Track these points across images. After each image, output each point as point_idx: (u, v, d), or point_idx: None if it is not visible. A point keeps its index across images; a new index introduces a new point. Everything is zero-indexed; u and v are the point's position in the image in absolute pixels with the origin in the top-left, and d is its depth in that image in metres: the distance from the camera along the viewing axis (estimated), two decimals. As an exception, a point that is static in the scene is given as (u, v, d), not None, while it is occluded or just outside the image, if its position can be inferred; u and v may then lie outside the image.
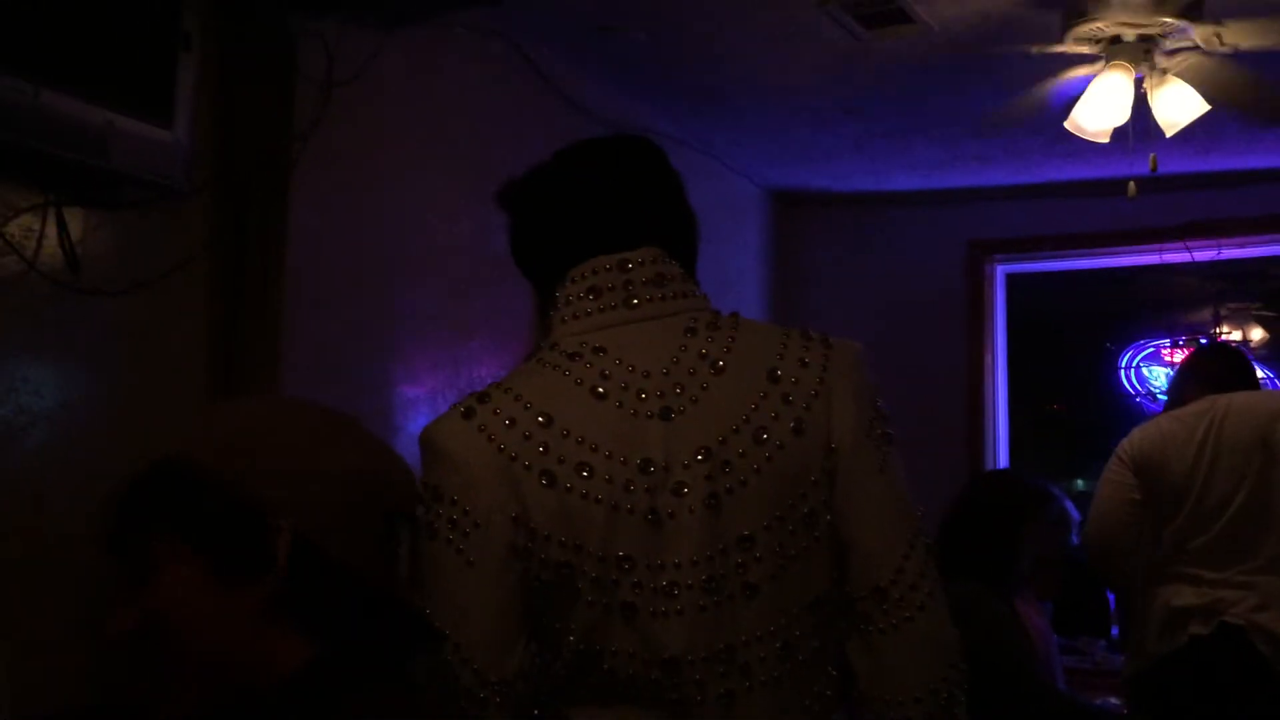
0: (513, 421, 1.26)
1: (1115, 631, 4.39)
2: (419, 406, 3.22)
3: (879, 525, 1.28)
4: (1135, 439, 3.00)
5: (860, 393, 1.31)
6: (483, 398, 1.30)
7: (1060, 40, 3.33)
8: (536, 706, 1.27)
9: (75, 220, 2.37)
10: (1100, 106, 3.24)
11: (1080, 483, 5.87)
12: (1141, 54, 3.21)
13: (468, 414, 1.28)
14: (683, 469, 1.24)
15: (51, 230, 2.34)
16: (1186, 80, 3.25)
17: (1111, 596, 4.36)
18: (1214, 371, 3.04)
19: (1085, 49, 3.34)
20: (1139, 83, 3.27)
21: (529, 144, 3.74)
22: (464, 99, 3.43)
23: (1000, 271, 5.47)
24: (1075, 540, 3.51)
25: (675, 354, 1.30)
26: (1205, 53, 3.27)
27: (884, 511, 1.29)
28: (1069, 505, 3.97)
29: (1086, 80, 3.37)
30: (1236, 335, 5.48)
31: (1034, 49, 3.41)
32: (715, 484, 1.25)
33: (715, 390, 1.27)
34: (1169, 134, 3.28)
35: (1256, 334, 5.50)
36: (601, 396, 1.27)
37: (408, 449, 3.14)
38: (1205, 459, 2.84)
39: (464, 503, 1.23)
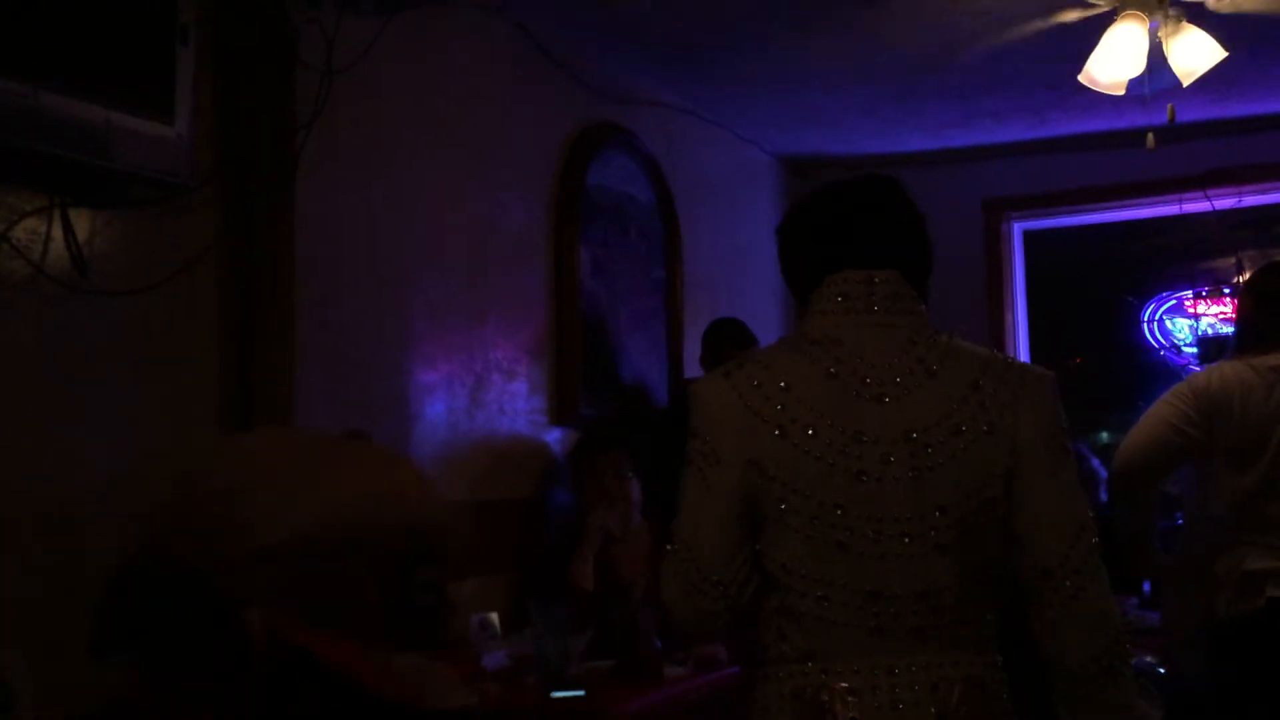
0: (759, 385, 1.60)
1: (1147, 588, 4.34)
2: (436, 393, 3.20)
3: (1049, 518, 1.59)
4: (1210, 378, 2.77)
5: (1044, 411, 1.62)
6: (740, 364, 1.65)
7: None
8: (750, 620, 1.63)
9: (81, 222, 2.35)
10: (1114, 58, 3.17)
11: (1105, 435, 5.82)
12: (1155, 2, 3.14)
13: (726, 375, 1.64)
14: (890, 444, 1.57)
15: (58, 233, 2.32)
16: (1202, 27, 3.18)
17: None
18: None
19: (1098, -1, 3.28)
20: (1153, 31, 3.20)
21: (537, 121, 3.73)
22: (468, 79, 3.40)
23: (1017, 229, 5.40)
24: (1104, 497, 3.46)
25: (898, 354, 1.62)
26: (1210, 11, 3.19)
27: (1054, 508, 1.60)
28: (1095, 463, 3.93)
29: (1100, 31, 3.31)
30: (1260, 283, 5.39)
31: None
32: (917, 460, 1.57)
33: (925, 389, 1.60)
34: (1186, 83, 3.21)
35: (1281, 281, 5.41)
36: (832, 376, 1.60)
37: (427, 434, 3.15)
38: None
39: (713, 442, 1.59)
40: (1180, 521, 3.11)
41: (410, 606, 0.78)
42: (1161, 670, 3.15)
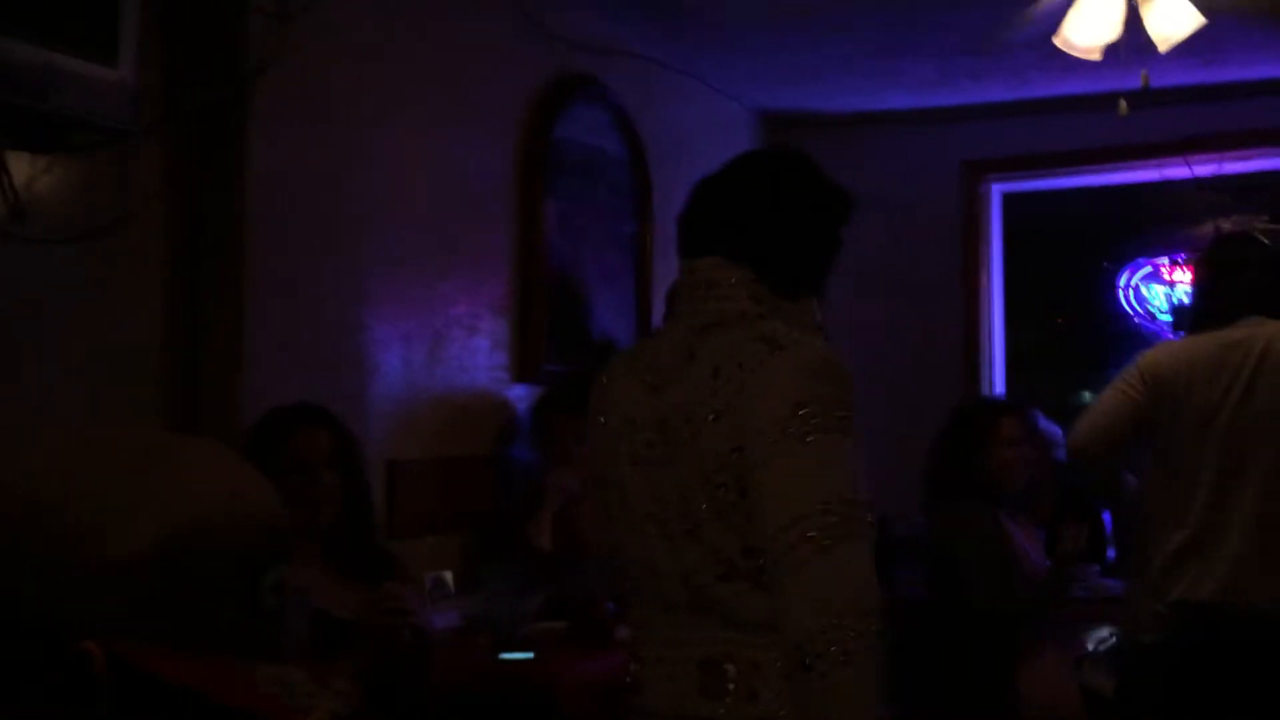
0: (601, 382, 1.74)
1: (1111, 555, 4.34)
2: (393, 347, 3.14)
3: (782, 495, 1.53)
4: (1157, 355, 2.77)
5: (783, 392, 1.56)
6: (606, 364, 1.78)
7: (1052, -50, 3.19)
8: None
9: (19, 166, 2.28)
10: (1091, 21, 3.11)
11: (1086, 395, 5.81)
12: (1133, -36, 3.07)
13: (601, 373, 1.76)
14: (651, 430, 1.64)
15: (-6, 178, 2.25)
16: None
17: (1108, 518, 4.31)
18: (1261, 285, 2.69)
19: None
20: (1132, -6, 3.13)
21: (504, 70, 3.65)
22: (433, 25, 3.31)
23: (996, 191, 5.34)
24: (1061, 457, 3.49)
25: (675, 343, 1.66)
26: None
27: (789, 486, 1.53)
28: (1045, 423, 3.95)
29: (1078, -8, 3.23)
30: (1238, 251, 5.34)
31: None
32: (667, 448, 1.61)
33: (682, 376, 1.63)
34: (1163, 49, 3.15)
35: (1258, 249, 5.35)
36: (631, 371, 1.70)
37: (383, 391, 3.09)
38: (1234, 397, 2.60)
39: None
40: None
41: (259, 610, 0.72)
42: (1115, 640, 3.16)
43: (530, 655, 2.62)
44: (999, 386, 5.35)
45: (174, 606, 0.70)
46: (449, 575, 3.02)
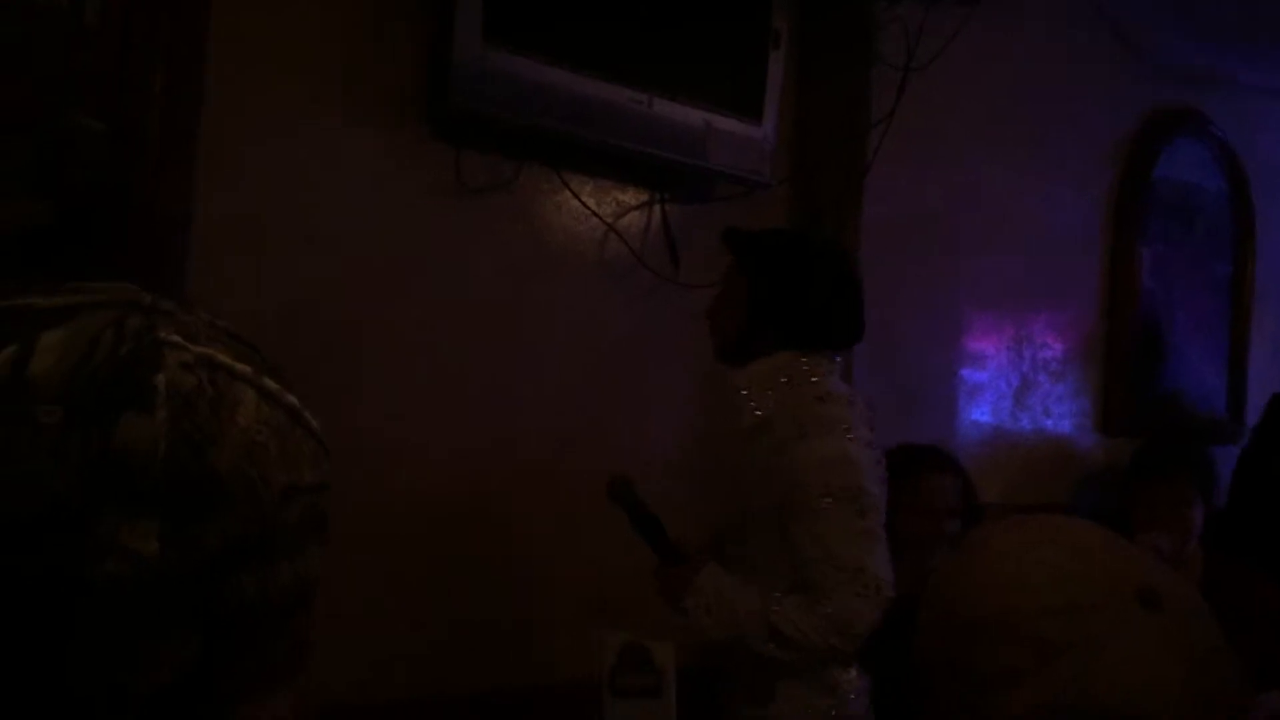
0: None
1: None
2: (982, 389, 3.13)
3: None
4: None
5: None
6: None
7: None
8: None
9: (673, 216, 2.52)
10: None
11: None
12: None
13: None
14: None
15: (655, 225, 2.51)
16: None
17: None
18: None
19: None
20: None
21: (1101, 107, 3.51)
22: (1035, 64, 3.26)
23: None
24: None
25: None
26: None
27: None
28: None
29: None
30: None
31: None
32: None
33: None
34: None
35: None
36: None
37: (968, 432, 3.08)
38: None
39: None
40: None
41: None
42: None
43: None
44: None
45: None
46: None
